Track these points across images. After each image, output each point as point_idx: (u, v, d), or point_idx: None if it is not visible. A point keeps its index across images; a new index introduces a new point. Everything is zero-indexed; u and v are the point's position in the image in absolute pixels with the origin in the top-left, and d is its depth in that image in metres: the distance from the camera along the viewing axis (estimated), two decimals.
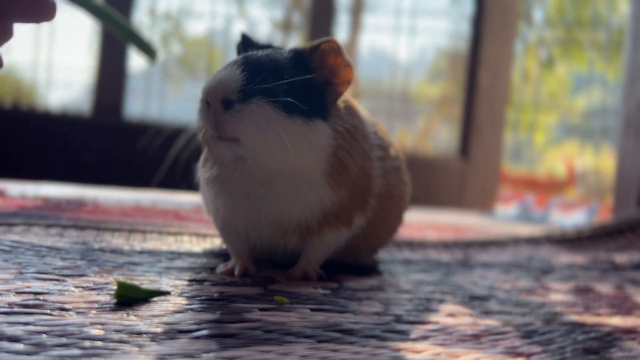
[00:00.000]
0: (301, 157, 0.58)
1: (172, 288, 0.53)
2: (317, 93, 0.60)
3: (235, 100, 0.55)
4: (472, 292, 0.63)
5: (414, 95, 3.72)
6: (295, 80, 0.58)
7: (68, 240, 0.72)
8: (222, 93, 0.55)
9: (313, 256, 0.64)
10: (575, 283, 0.74)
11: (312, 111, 0.58)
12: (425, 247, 0.93)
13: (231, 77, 0.56)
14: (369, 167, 0.65)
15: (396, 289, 0.60)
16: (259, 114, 0.55)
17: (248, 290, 0.54)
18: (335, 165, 0.60)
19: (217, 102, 0.55)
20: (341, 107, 0.64)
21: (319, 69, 0.61)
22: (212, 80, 0.57)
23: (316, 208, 0.61)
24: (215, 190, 0.63)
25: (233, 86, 0.55)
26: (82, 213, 1.13)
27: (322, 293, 0.55)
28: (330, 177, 0.60)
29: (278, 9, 4.16)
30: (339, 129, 0.61)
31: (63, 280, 0.52)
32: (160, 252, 0.71)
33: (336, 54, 0.60)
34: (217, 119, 0.55)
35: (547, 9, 4.90)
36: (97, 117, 2.01)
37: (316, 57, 0.60)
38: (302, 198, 0.60)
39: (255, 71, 0.57)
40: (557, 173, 4.04)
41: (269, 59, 0.59)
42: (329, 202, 0.61)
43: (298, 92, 0.58)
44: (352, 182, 0.62)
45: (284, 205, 0.61)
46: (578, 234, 1.03)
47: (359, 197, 0.64)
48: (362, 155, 0.64)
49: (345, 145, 0.61)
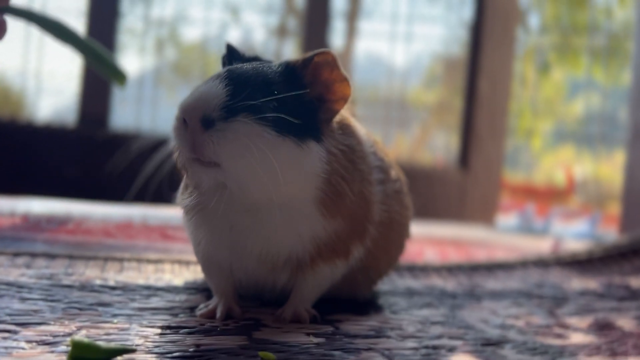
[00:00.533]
0: (291, 184, 0.51)
1: (141, 340, 0.46)
2: (310, 111, 0.53)
3: (217, 118, 0.48)
4: (483, 334, 0.56)
5: (411, 102, 3.66)
6: (285, 96, 0.51)
7: (34, 274, 0.65)
8: (201, 110, 0.48)
9: (305, 294, 0.57)
10: (594, 317, 0.67)
11: (304, 131, 0.51)
12: (427, 272, 0.86)
13: (213, 93, 0.49)
14: (367, 192, 0.58)
15: (399, 334, 0.53)
16: (244, 134, 0.48)
17: (229, 342, 0.47)
18: (328, 192, 0.53)
19: (196, 120, 0.48)
20: (336, 126, 0.57)
21: (312, 84, 0.54)
22: (190, 96, 0.50)
23: (308, 240, 0.54)
24: (195, 221, 0.56)
25: (214, 102, 0.48)
26: (61, 233, 1.06)
27: (316, 343, 0.48)
28: (323, 206, 0.53)
29: (273, 15, 4.10)
30: (334, 150, 0.54)
31: (15, 331, 0.45)
32: (136, 287, 0.64)
33: (331, 68, 0.54)
34: (195, 139, 0.48)
35: (543, 14, 4.86)
36: (81, 129, 1.94)
37: (309, 70, 0.54)
38: (292, 230, 0.53)
39: (241, 86, 0.50)
40: (557, 181, 3.98)
41: (256, 73, 0.52)
42: (323, 233, 0.55)
43: (289, 110, 0.51)
44: (348, 209, 0.55)
45: (272, 237, 0.54)
46: (589, 255, 0.96)
47: (357, 226, 0.58)
48: (359, 179, 0.57)
49: (339, 170, 0.54)
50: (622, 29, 4.32)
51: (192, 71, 3.86)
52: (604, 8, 4.46)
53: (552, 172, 4.39)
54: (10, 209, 1.30)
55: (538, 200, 3.06)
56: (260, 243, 0.54)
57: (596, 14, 4.52)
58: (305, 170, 0.51)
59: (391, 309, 0.64)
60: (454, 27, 3.33)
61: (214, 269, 0.58)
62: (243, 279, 0.58)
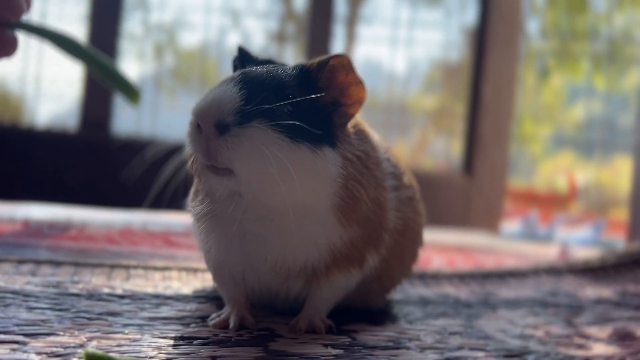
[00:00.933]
0: (307, 191, 0.49)
1: (154, 352, 0.44)
2: (325, 115, 0.52)
3: (232, 123, 0.47)
4: (504, 344, 0.54)
5: (410, 107, 3.65)
6: (301, 100, 0.50)
7: (40, 281, 0.63)
8: (216, 115, 0.47)
9: (320, 303, 0.56)
10: (613, 327, 0.66)
11: (319, 136, 0.50)
12: (439, 279, 0.84)
13: (227, 97, 0.48)
14: (382, 199, 0.57)
15: (418, 345, 0.52)
16: (259, 140, 0.46)
17: (245, 354, 0.45)
18: (345, 198, 0.52)
19: (210, 125, 0.47)
20: (351, 131, 0.55)
21: (327, 87, 0.52)
22: (204, 100, 0.48)
23: (324, 248, 0.53)
24: (206, 228, 0.55)
25: (229, 107, 0.47)
26: (63, 239, 1.04)
27: (334, 355, 0.47)
28: (340, 212, 0.52)
29: (272, 20, 4.10)
30: (349, 156, 0.53)
31: (24, 342, 0.43)
32: (145, 296, 0.62)
33: (347, 71, 0.52)
34: (209, 145, 0.47)
35: (542, 20, 4.87)
36: (83, 134, 1.92)
37: (324, 74, 0.52)
38: (307, 237, 0.52)
39: (256, 90, 0.49)
40: (558, 187, 3.97)
41: (270, 76, 0.51)
42: (339, 241, 0.53)
43: (304, 114, 0.50)
44: (364, 216, 0.54)
45: (286, 246, 0.52)
46: (602, 263, 0.95)
47: (373, 233, 0.56)
48: (375, 186, 0.56)
49: (356, 175, 0.53)
50: (622, 35, 4.32)
51: (192, 77, 3.85)
52: (604, 13, 4.46)
53: (552, 178, 4.38)
54: (11, 214, 1.28)
55: (540, 207, 3.05)
56: (275, 251, 0.52)
57: (595, 20, 4.53)
58: (321, 176, 0.50)
59: (407, 319, 0.62)
60: (453, 33, 3.32)
61: (226, 277, 0.56)
62: (255, 287, 0.56)
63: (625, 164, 3.73)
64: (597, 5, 4.54)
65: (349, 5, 3.60)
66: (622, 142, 3.96)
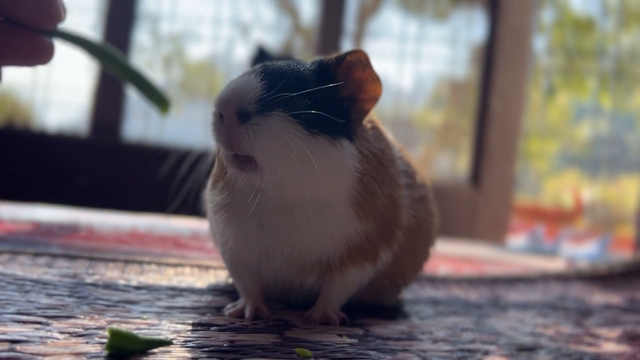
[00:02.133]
0: (326, 182, 0.50)
1: (174, 335, 0.45)
2: (342, 110, 0.53)
3: (253, 111, 0.47)
4: (515, 340, 0.55)
5: (417, 122, 3.67)
6: (320, 92, 0.51)
7: (57, 272, 0.64)
8: (237, 103, 0.48)
9: (334, 296, 0.56)
10: (622, 328, 0.66)
11: (338, 129, 0.51)
12: (448, 283, 0.85)
13: (249, 86, 0.49)
14: (397, 195, 0.58)
15: (431, 337, 0.53)
16: (281, 129, 0.47)
17: (262, 339, 0.46)
18: (362, 192, 0.53)
19: (232, 113, 0.47)
20: (368, 127, 0.57)
21: (344, 82, 0.53)
22: (226, 89, 0.49)
23: (340, 241, 0.54)
24: (225, 218, 0.55)
25: (250, 95, 0.48)
26: (74, 239, 1.05)
27: (350, 343, 0.47)
28: (357, 206, 0.53)
29: (280, 33, 4.14)
30: (365, 152, 0.54)
31: (47, 323, 0.44)
32: (160, 287, 0.63)
33: (364, 67, 0.53)
34: (231, 133, 0.48)
35: (549, 38, 4.90)
36: (94, 138, 1.94)
37: (342, 69, 0.53)
38: (324, 230, 0.53)
39: (276, 80, 0.49)
40: (564, 203, 3.97)
41: (290, 69, 0.52)
42: (355, 235, 0.54)
43: (322, 108, 0.50)
44: (379, 211, 0.55)
45: (303, 238, 0.53)
46: (610, 270, 0.95)
47: (386, 229, 0.57)
48: (389, 182, 0.57)
49: (371, 171, 0.54)
50: (629, 54, 4.34)
51: (199, 88, 3.88)
52: (611, 33, 4.49)
53: (558, 194, 4.37)
54: (22, 215, 1.29)
55: (546, 222, 3.05)
56: (291, 243, 0.53)
57: (602, 39, 4.55)
58: (339, 168, 0.51)
59: (418, 316, 0.63)
60: (460, 49, 3.35)
61: (242, 269, 0.57)
62: (270, 279, 0.57)
63: (631, 183, 3.73)
64: (604, 24, 4.57)
65: (357, 20, 3.63)
66: (629, 160, 3.96)
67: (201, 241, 1.19)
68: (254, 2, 3.46)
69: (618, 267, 0.95)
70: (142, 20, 3.06)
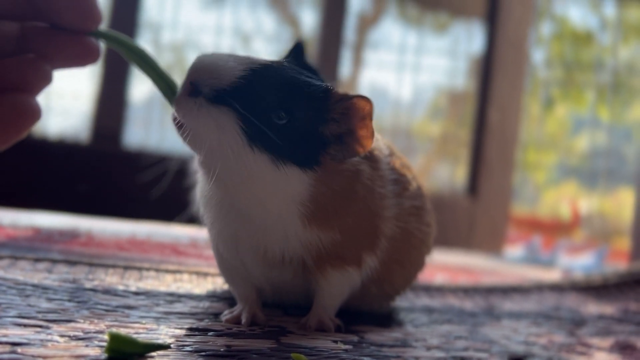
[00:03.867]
0: (259, 195, 0.50)
1: (172, 339, 0.46)
2: (322, 143, 0.51)
3: (205, 94, 0.47)
4: (508, 348, 0.56)
5: (416, 133, 3.69)
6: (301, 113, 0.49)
7: (57, 277, 0.65)
8: (198, 76, 0.47)
9: (327, 302, 0.57)
10: (615, 338, 0.67)
11: (292, 156, 0.49)
12: (443, 292, 0.86)
13: (223, 71, 0.48)
14: (374, 206, 0.56)
15: (424, 345, 0.53)
16: (217, 126, 0.47)
17: (259, 344, 0.47)
18: (314, 209, 0.51)
19: (188, 82, 0.47)
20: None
21: (337, 120, 0.51)
22: (207, 57, 0.49)
23: (297, 243, 0.53)
24: (209, 214, 0.56)
25: (214, 80, 0.47)
26: (74, 245, 1.06)
27: (344, 349, 0.48)
28: (307, 220, 0.51)
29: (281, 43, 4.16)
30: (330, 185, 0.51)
31: (47, 327, 0.45)
32: (159, 293, 0.64)
33: (364, 117, 0.51)
34: (178, 98, 0.47)
35: (548, 50, 4.93)
36: (95, 145, 1.96)
37: (342, 107, 0.51)
38: (279, 230, 0.52)
39: (256, 83, 0.48)
40: (562, 214, 3.98)
41: (285, 78, 0.50)
42: (317, 240, 0.53)
43: (299, 129, 0.49)
44: (345, 224, 0.53)
45: (258, 232, 0.53)
46: (604, 281, 0.96)
47: (364, 238, 0.56)
48: (364, 194, 0.54)
49: (330, 193, 0.51)
50: (627, 67, 4.37)
51: None
52: (609, 46, 4.52)
53: (556, 206, 4.39)
54: (22, 221, 1.30)
55: (543, 233, 3.06)
56: (250, 237, 0.53)
57: (600, 52, 4.58)
58: (275, 191, 0.49)
59: (413, 323, 0.64)
60: (459, 60, 3.37)
61: (233, 272, 0.58)
62: (262, 281, 0.57)
63: (629, 195, 3.74)
64: (602, 37, 4.60)
65: (357, 31, 3.66)
66: (626, 172, 3.98)
67: (199, 248, 1.20)
68: (255, 12, 3.48)
69: (612, 278, 0.96)
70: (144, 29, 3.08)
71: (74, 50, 0.43)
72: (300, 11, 3.57)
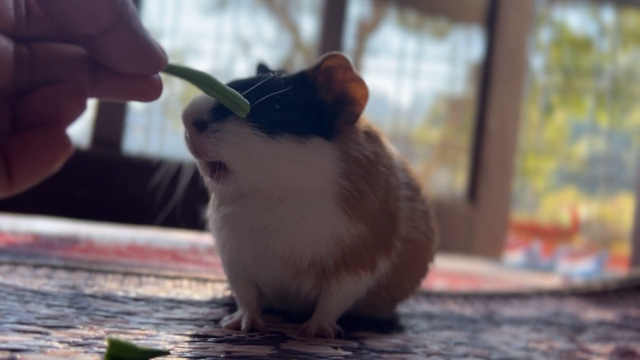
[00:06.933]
0: (300, 180, 0.51)
1: (172, 345, 0.46)
2: (328, 114, 0.53)
3: (208, 120, 0.49)
4: (508, 355, 0.56)
5: (415, 139, 3.69)
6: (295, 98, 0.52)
7: (56, 283, 0.65)
8: (193, 114, 0.50)
9: (330, 309, 0.57)
10: (615, 344, 0.67)
11: (310, 129, 0.52)
12: (443, 298, 0.86)
13: (205, 98, 0.50)
14: (394, 205, 0.58)
15: (425, 351, 0.53)
16: (236, 134, 0.49)
17: (258, 350, 0.47)
18: (350, 189, 0.53)
19: (190, 125, 0.50)
20: (361, 131, 0.56)
21: (326, 88, 0.54)
22: (187, 105, 0.52)
23: (330, 240, 0.53)
24: (221, 227, 0.57)
25: (205, 105, 0.50)
26: (74, 252, 1.06)
27: (344, 355, 0.48)
28: (345, 204, 0.53)
29: (281, 50, 4.18)
30: (354, 153, 0.54)
31: (46, 333, 0.45)
32: (158, 299, 0.64)
33: (344, 70, 0.53)
34: (194, 142, 0.50)
35: (547, 56, 4.94)
36: (95, 151, 1.96)
37: (321, 74, 0.53)
38: (313, 228, 0.53)
39: (238, 89, 0.49)
40: (562, 221, 3.98)
41: (262, 80, 0.52)
42: (347, 235, 0.54)
43: (298, 114, 0.52)
44: (372, 216, 0.55)
45: (293, 237, 0.53)
46: (604, 287, 0.96)
47: (382, 238, 0.57)
48: (384, 188, 0.56)
49: (361, 172, 0.54)
50: (626, 73, 4.38)
51: None
52: (608, 52, 4.53)
53: (555, 212, 4.39)
54: (22, 228, 1.30)
55: (543, 239, 3.05)
56: (281, 243, 0.54)
57: (599, 58, 4.60)
58: (311, 165, 0.51)
59: (413, 330, 0.64)
60: (459, 67, 3.38)
61: (240, 277, 0.58)
62: (268, 286, 0.58)
63: (628, 201, 3.74)
64: (601, 44, 4.61)
65: (357, 37, 3.67)
66: (626, 178, 3.98)
67: (199, 254, 1.20)
68: (255, 19, 3.49)
69: (612, 284, 0.96)
70: None
71: (140, 87, 0.40)
72: (299, 18, 3.58)
